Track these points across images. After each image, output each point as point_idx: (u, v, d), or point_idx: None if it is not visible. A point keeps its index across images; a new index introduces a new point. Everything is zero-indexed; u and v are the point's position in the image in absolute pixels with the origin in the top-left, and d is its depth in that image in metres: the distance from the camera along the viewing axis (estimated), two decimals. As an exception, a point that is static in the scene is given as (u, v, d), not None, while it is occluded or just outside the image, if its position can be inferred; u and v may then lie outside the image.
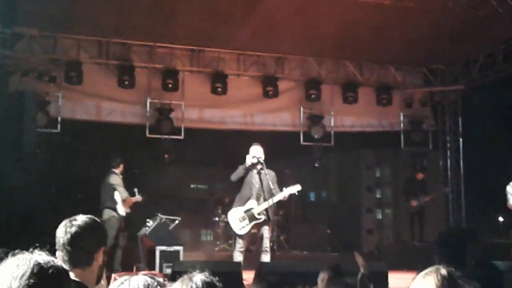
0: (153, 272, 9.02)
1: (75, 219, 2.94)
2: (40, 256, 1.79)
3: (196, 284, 2.04)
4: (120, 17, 10.84)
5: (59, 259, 2.80)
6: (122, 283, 2.00)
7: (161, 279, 2.06)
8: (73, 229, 2.88)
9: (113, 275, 2.61)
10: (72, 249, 2.86)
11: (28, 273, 1.71)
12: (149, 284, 1.98)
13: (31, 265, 1.74)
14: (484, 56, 12.89)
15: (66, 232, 2.88)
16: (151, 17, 10.87)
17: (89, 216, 3.01)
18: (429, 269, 2.36)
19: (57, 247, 2.88)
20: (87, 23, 11.12)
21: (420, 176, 13.57)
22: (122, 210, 10.45)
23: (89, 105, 12.27)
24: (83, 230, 2.90)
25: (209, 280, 2.08)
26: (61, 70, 11.67)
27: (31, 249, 1.85)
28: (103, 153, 13.26)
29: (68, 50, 11.80)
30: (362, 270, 4.37)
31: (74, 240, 2.87)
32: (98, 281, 2.97)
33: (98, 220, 3.04)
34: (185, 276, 2.08)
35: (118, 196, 10.43)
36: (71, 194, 12.06)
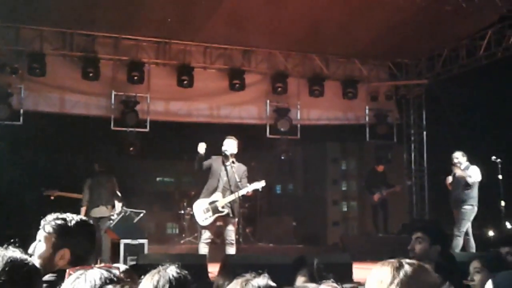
0: (108, 265, 8.95)
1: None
2: (14, 253, 1.76)
3: (172, 274, 2.06)
4: (85, 8, 10.68)
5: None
6: (78, 277, 1.98)
7: (117, 271, 2.04)
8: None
9: (67, 270, 2.59)
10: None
11: None
12: (106, 277, 1.97)
13: (4, 262, 1.70)
14: (448, 51, 13.11)
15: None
16: (116, 9, 10.72)
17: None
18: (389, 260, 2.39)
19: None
20: (51, 14, 10.91)
21: (380, 168, 13.71)
22: (119, 209, 10.68)
23: (53, 97, 12.05)
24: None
25: (182, 272, 2.11)
26: (24, 62, 11.41)
27: (5, 245, 1.82)
28: (67, 146, 13.08)
29: (31, 41, 11.56)
30: None
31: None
32: None
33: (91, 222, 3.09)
34: (160, 268, 2.11)
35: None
36: (34, 187, 11.88)
